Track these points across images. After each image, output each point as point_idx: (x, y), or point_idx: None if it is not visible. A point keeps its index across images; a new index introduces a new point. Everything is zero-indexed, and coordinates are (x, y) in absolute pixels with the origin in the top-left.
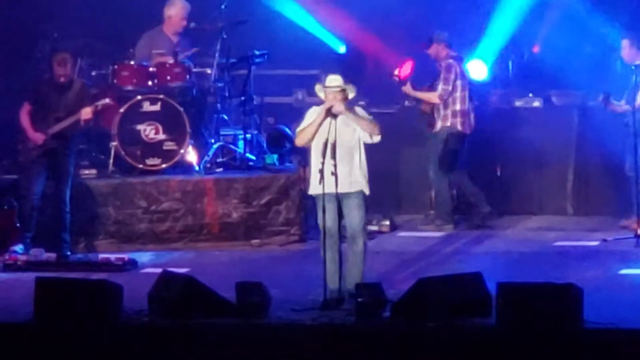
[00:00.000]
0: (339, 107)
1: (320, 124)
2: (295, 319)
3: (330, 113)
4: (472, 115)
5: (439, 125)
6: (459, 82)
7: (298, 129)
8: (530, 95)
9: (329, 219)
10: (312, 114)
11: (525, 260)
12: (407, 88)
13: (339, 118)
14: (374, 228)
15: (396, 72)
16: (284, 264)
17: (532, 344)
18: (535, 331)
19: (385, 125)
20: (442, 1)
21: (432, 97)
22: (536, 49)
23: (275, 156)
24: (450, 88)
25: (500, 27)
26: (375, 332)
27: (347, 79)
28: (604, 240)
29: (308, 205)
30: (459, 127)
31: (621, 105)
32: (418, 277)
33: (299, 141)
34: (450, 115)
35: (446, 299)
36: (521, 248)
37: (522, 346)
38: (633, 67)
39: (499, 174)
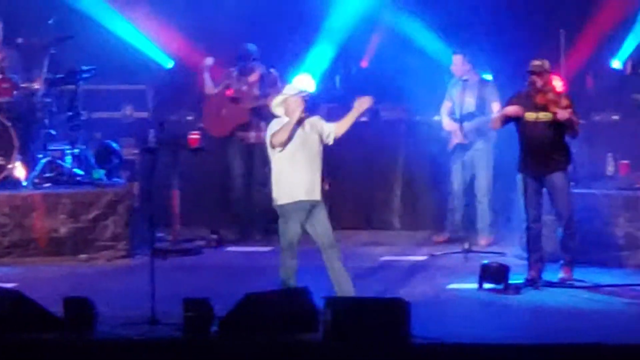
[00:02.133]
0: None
1: (294, 125)
2: (123, 333)
3: (300, 121)
4: None
5: (254, 136)
6: None
7: (270, 133)
8: None
9: (299, 232)
10: (279, 124)
11: (352, 275)
12: None
13: (307, 125)
14: (202, 243)
15: None
16: (111, 279)
17: (360, 359)
18: (363, 346)
19: (212, 140)
20: (269, 16)
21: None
22: (364, 64)
23: (103, 171)
24: None
25: (329, 41)
26: (203, 347)
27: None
28: (432, 255)
29: (135, 220)
30: None
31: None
32: (245, 292)
33: (278, 142)
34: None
35: (273, 314)
36: (349, 262)
37: None
38: (461, 81)
39: (327, 188)
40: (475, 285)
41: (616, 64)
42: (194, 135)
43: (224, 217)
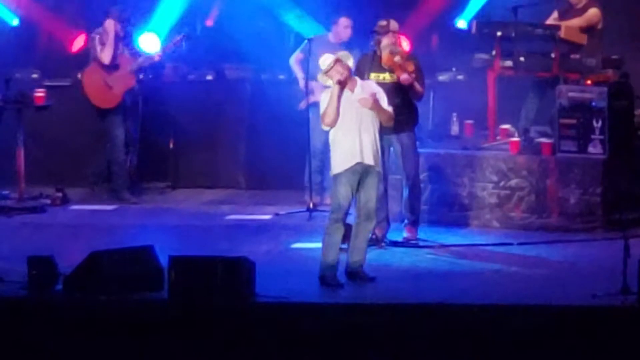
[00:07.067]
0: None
1: (339, 98)
2: None
3: (342, 84)
4: None
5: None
6: None
7: (321, 114)
8: (203, 68)
9: (350, 196)
10: (326, 97)
11: (197, 234)
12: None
13: (356, 88)
14: (46, 201)
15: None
16: None
17: (205, 318)
18: (208, 304)
19: (60, 98)
20: None
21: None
22: (209, 23)
23: None
24: None
25: (173, 0)
26: (48, 305)
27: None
28: (277, 214)
29: None
30: None
31: None
32: (90, 250)
33: (328, 123)
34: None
35: (118, 272)
36: (194, 221)
37: (194, 319)
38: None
39: (171, 147)
40: (319, 245)
41: (461, 23)
42: (40, 93)
43: (70, 175)
